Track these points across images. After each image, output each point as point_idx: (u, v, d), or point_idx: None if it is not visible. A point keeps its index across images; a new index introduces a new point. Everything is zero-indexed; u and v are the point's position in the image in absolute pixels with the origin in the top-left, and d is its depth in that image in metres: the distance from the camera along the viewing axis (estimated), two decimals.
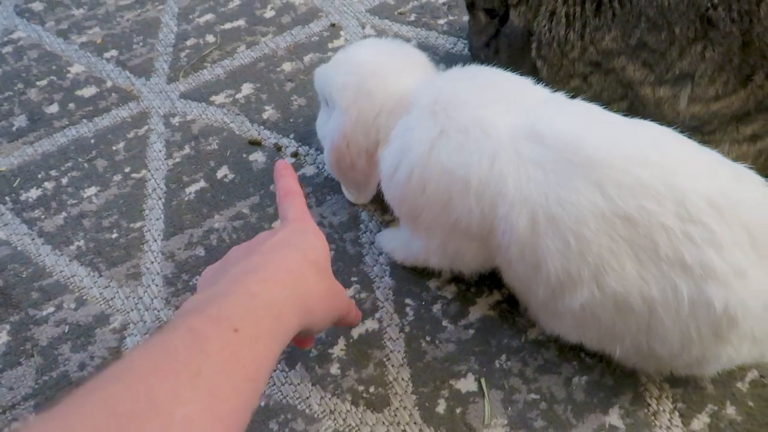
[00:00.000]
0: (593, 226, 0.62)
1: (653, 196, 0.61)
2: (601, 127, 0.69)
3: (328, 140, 0.84)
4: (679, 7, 0.79)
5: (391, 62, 0.82)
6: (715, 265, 0.60)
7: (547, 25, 0.90)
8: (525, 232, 0.66)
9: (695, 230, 0.60)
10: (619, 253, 0.63)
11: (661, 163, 0.63)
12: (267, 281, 0.52)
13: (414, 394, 0.80)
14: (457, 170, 0.69)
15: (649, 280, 0.63)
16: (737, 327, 0.62)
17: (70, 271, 0.93)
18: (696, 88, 0.84)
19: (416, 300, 0.88)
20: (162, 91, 1.16)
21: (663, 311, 0.63)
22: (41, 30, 1.28)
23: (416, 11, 1.25)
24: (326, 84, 0.84)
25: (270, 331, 0.48)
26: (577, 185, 0.63)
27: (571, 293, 0.67)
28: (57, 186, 1.03)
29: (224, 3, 1.30)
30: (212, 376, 0.41)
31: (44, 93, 1.17)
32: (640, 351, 0.68)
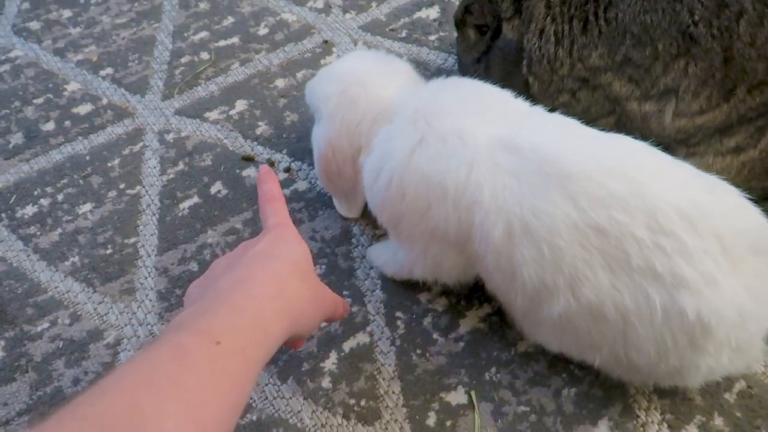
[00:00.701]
0: (566, 236, 0.64)
1: (624, 207, 0.62)
2: (576, 141, 0.70)
3: (316, 148, 0.86)
4: (662, 24, 0.81)
5: (375, 72, 0.84)
6: (686, 274, 0.61)
7: (537, 43, 0.91)
8: (500, 240, 0.68)
9: (666, 241, 0.62)
10: (593, 263, 0.64)
11: (632, 176, 0.64)
12: (253, 296, 0.53)
13: (405, 407, 0.80)
14: (434, 177, 0.71)
15: (622, 289, 0.64)
16: (712, 335, 0.63)
17: (65, 286, 0.94)
18: (680, 103, 0.85)
19: (407, 313, 0.89)
20: (157, 108, 1.17)
21: (637, 320, 0.64)
22: (38, 48, 1.30)
23: (407, 27, 1.27)
24: (313, 95, 0.88)
25: (255, 342, 0.49)
26: (551, 196, 0.65)
27: (549, 303, 0.68)
28: (52, 202, 1.05)
29: (219, 21, 1.32)
30: (196, 388, 0.42)
31: (41, 111, 1.18)
32: (618, 360, 0.69)
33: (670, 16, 0.80)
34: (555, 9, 0.89)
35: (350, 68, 0.85)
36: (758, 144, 0.83)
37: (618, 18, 0.84)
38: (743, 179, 0.85)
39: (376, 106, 0.80)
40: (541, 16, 0.90)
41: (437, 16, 1.29)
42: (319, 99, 0.85)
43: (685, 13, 0.79)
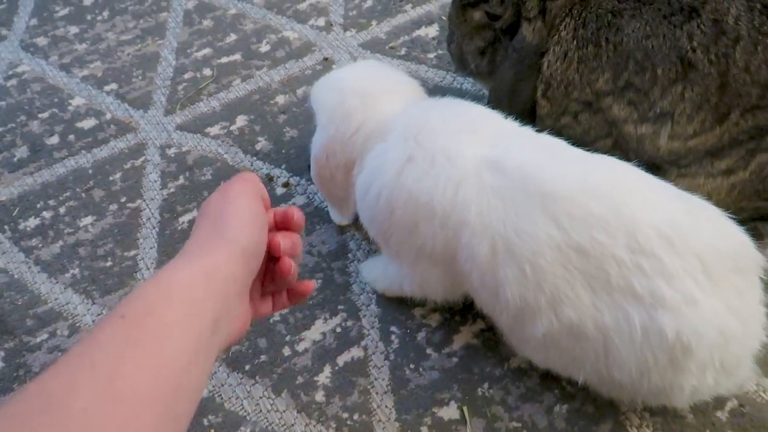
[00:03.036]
0: (549, 256, 0.65)
1: (605, 228, 0.64)
2: (560, 161, 0.71)
3: (313, 151, 0.87)
4: (662, 49, 0.82)
5: (377, 87, 0.85)
6: (665, 293, 0.62)
7: (559, 68, 0.90)
8: (485, 258, 0.69)
9: (645, 261, 0.63)
10: (574, 284, 0.65)
11: (613, 196, 0.65)
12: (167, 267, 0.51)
13: (397, 421, 0.81)
14: (422, 196, 0.72)
15: (602, 309, 0.65)
16: (692, 355, 0.63)
17: (65, 298, 0.96)
18: (675, 126, 0.86)
19: (401, 328, 0.90)
20: (159, 123, 1.19)
21: (617, 338, 0.65)
22: (45, 64, 1.32)
23: (407, 45, 1.30)
24: (315, 99, 0.89)
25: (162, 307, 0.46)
26: (534, 216, 0.66)
27: (533, 322, 0.69)
28: (55, 215, 1.06)
29: (221, 38, 1.35)
30: (103, 362, 0.41)
31: (45, 125, 1.21)
32: (601, 377, 0.70)
33: (670, 41, 0.82)
34: (578, 30, 0.88)
35: (353, 79, 0.86)
36: (748, 166, 0.83)
37: (623, 43, 0.85)
38: (733, 200, 0.85)
39: (371, 122, 0.81)
40: (569, 36, 0.89)
41: (436, 34, 1.31)
42: (319, 105, 0.87)
43: (684, 39, 0.81)
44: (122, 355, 0.42)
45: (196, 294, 0.49)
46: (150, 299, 0.47)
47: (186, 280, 0.49)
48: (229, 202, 0.56)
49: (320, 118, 0.86)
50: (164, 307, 0.46)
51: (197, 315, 0.48)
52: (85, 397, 0.40)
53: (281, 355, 0.88)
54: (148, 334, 0.44)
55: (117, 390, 0.41)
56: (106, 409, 0.40)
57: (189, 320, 0.47)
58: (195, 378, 0.47)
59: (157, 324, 0.45)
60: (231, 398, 0.84)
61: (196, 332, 0.47)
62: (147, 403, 0.42)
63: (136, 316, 0.45)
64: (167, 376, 0.44)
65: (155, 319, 0.45)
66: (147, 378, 0.42)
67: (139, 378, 0.42)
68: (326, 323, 0.90)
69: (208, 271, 0.51)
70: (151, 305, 0.46)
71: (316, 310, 0.92)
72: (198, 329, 0.47)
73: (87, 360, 0.42)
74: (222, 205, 0.56)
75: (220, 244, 0.53)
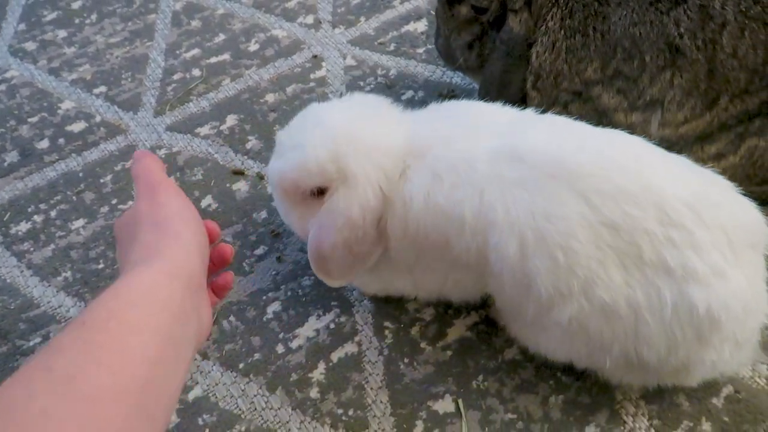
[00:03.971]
0: (582, 237, 0.64)
1: (635, 202, 0.63)
2: (575, 139, 0.71)
3: (333, 222, 0.73)
4: (650, 36, 0.82)
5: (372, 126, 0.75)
6: (696, 266, 0.62)
7: (548, 59, 0.91)
8: (515, 257, 0.67)
9: (676, 233, 0.63)
10: (606, 263, 0.64)
11: (637, 170, 0.65)
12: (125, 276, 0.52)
13: (392, 416, 0.81)
14: (454, 211, 0.70)
15: (635, 286, 0.64)
16: (720, 329, 0.64)
17: (57, 301, 0.95)
18: (666, 113, 0.86)
19: (395, 322, 0.89)
20: (149, 125, 1.19)
21: (649, 315, 0.65)
22: (33, 68, 1.32)
23: (396, 41, 1.29)
24: (317, 171, 0.73)
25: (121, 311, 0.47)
26: (562, 198, 0.65)
27: (560, 307, 0.68)
28: (46, 219, 1.06)
29: (210, 38, 1.34)
30: (65, 366, 0.42)
31: (35, 129, 1.20)
32: (628, 359, 0.69)
33: (657, 28, 0.82)
34: (566, 21, 0.88)
35: (344, 129, 0.74)
36: (738, 150, 0.83)
37: (610, 31, 0.85)
38: None
39: (390, 159, 0.73)
40: (557, 27, 0.89)
41: (425, 29, 1.31)
42: (332, 169, 0.72)
43: (671, 26, 0.81)
44: (83, 358, 0.43)
45: (160, 294, 0.50)
46: (110, 305, 0.47)
47: (149, 283, 0.50)
48: (163, 204, 0.58)
49: (349, 176, 0.72)
50: (126, 311, 0.47)
51: (164, 313, 0.49)
52: (44, 399, 0.40)
53: (275, 352, 0.87)
54: (109, 336, 0.45)
55: (77, 389, 0.41)
56: (66, 408, 0.40)
57: (155, 319, 0.48)
58: (167, 372, 0.47)
59: (119, 326, 0.46)
60: (225, 397, 0.83)
61: (164, 329, 0.48)
62: (112, 398, 0.42)
63: (97, 321, 0.46)
64: (134, 373, 0.44)
65: (117, 322, 0.46)
66: (110, 375, 0.43)
67: (101, 376, 0.43)
68: (319, 320, 0.90)
69: (170, 270, 0.52)
70: (111, 310, 0.47)
71: (309, 307, 0.92)
72: (166, 326, 0.48)
73: (44, 365, 0.43)
74: (156, 210, 0.57)
75: (172, 244, 0.54)
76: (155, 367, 0.46)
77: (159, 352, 0.47)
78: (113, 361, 0.44)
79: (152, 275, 0.51)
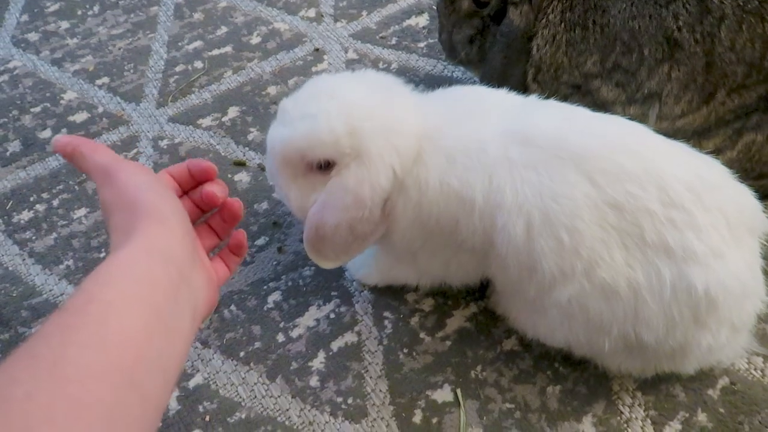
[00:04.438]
0: (586, 217, 0.65)
1: (637, 182, 0.64)
2: (579, 122, 0.72)
3: (340, 201, 0.71)
4: (649, 30, 0.83)
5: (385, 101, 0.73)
6: (696, 247, 0.63)
7: (548, 51, 0.91)
8: (521, 238, 0.68)
9: (677, 214, 0.64)
10: (609, 243, 0.65)
11: (639, 152, 0.67)
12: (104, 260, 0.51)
13: (391, 405, 0.81)
14: (465, 192, 0.70)
15: (635, 266, 0.65)
16: (717, 310, 0.65)
17: (59, 289, 0.96)
18: (663, 107, 0.87)
19: (395, 313, 0.90)
20: (151, 116, 1.19)
21: (648, 296, 0.66)
22: (36, 59, 1.32)
23: (397, 35, 1.30)
24: (330, 142, 0.69)
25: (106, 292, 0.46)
26: (569, 178, 0.66)
27: (561, 288, 0.69)
28: (48, 208, 1.07)
29: (212, 30, 1.35)
30: (47, 352, 0.42)
31: (38, 119, 1.21)
32: (627, 341, 0.70)
33: (656, 21, 0.82)
34: (566, 14, 0.89)
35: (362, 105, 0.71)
36: (735, 145, 0.84)
37: (610, 24, 0.86)
38: None
39: (405, 141, 0.71)
40: (557, 20, 0.90)
41: (426, 23, 1.31)
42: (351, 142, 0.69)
43: (670, 19, 0.81)
44: (63, 342, 0.42)
45: (138, 270, 0.48)
46: (89, 289, 0.47)
47: (125, 262, 0.49)
48: (124, 185, 0.55)
49: (363, 152, 0.69)
50: (104, 292, 0.46)
51: (145, 288, 0.48)
52: (27, 383, 0.40)
53: (275, 341, 0.88)
54: (89, 318, 0.44)
55: (61, 371, 0.41)
56: (51, 389, 0.40)
57: (137, 294, 0.47)
58: (159, 346, 0.46)
59: (98, 307, 0.45)
60: (226, 385, 0.84)
61: (149, 304, 0.47)
62: (98, 377, 0.42)
63: (76, 306, 0.45)
64: (118, 350, 0.44)
65: (95, 304, 0.45)
66: (93, 355, 0.42)
67: (84, 357, 0.42)
68: (320, 309, 0.91)
69: (145, 246, 0.50)
70: (90, 293, 0.46)
71: (310, 297, 0.92)
72: (152, 301, 0.47)
73: (27, 354, 0.42)
74: (120, 194, 0.55)
75: (144, 221, 0.52)
76: (143, 343, 0.45)
77: (145, 328, 0.46)
78: (94, 342, 0.43)
79: (128, 253, 0.49)
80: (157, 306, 0.47)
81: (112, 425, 0.41)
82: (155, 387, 0.46)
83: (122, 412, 0.42)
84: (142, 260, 0.49)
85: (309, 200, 0.73)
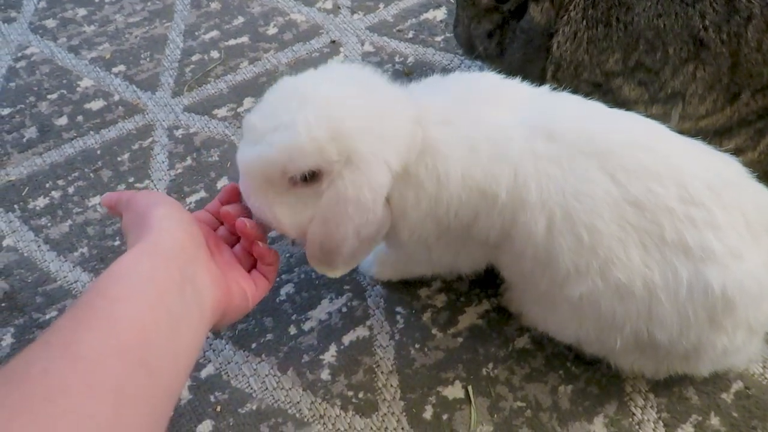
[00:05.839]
0: (606, 215, 0.64)
1: (657, 179, 0.64)
2: (601, 118, 0.71)
3: (342, 212, 0.65)
4: (674, 29, 0.82)
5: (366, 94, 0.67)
6: (714, 247, 0.62)
7: (569, 49, 0.90)
8: (541, 235, 0.67)
9: (696, 212, 0.63)
10: (627, 242, 0.64)
11: (658, 149, 0.66)
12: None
13: (402, 400, 0.81)
14: (488, 186, 0.67)
15: (653, 266, 0.64)
16: (734, 311, 0.64)
17: (74, 276, 0.96)
18: (687, 107, 0.86)
19: (407, 308, 0.90)
20: (167, 105, 1.20)
21: (663, 295, 0.65)
22: (53, 46, 1.33)
23: (414, 28, 1.29)
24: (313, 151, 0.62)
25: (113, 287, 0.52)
26: (592, 176, 0.65)
27: (573, 284, 0.68)
28: (63, 195, 1.07)
29: (229, 20, 1.34)
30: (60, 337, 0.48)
31: (54, 106, 1.21)
32: (639, 340, 0.69)
33: (682, 20, 0.81)
34: (589, 11, 0.87)
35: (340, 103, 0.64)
36: (757, 146, 0.83)
37: (634, 22, 0.84)
38: None
39: (401, 132, 0.66)
40: (579, 17, 0.88)
41: (444, 17, 1.30)
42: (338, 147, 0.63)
43: (696, 18, 0.80)
44: (74, 329, 0.48)
45: (141, 268, 0.54)
46: (99, 285, 0.53)
47: (128, 262, 0.55)
48: (139, 204, 0.63)
49: (357, 154, 0.63)
50: (111, 288, 0.52)
51: (149, 282, 0.54)
52: (42, 362, 0.45)
53: (287, 333, 0.88)
54: (98, 309, 0.50)
55: (74, 351, 0.46)
56: (65, 366, 0.45)
57: (141, 288, 0.53)
58: (167, 332, 0.52)
59: (105, 300, 0.51)
60: (237, 376, 0.84)
61: (153, 295, 0.53)
62: (108, 355, 0.47)
63: (87, 300, 0.51)
64: (128, 332, 0.49)
65: (103, 297, 0.51)
66: (103, 336, 0.48)
67: (95, 339, 0.48)
68: (332, 303, 0.91)
69: (147, 248, 0.57)
70: (99, 289, 0.52)
71: (322, 290, 0.92)
72: (155, 293, 0.53)
73: (42, 341, 0.47)
74: (136, 213, 0.62)
75: (150, 230, 0.59)
76: (150, 326, 0.51)
77: (151, 313, 0.51)
78: (103, 326, 0.49)
79: (132, 255, 0.56)
80: (160, 297, 0.53)
81: (121, 397, 0.46)
82: (164, 368, 0.51)
83: (131, 387, 0.47)
84: (144, 261, 0.55)
85: (303, 216, 0.67)
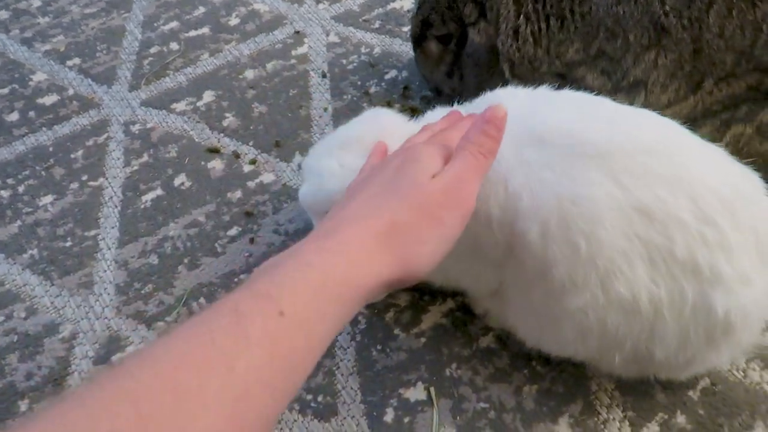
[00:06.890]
0: (609, 223, 0.58)
1: (667, 186, 0.57)
2: (598, 116, 0.65)
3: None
4: (634, 15, 0.80)
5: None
6: (723, 270, 0.57)
7: (514, 45, 0.89)
8: (535, 243, 0.62)
9: (708, 230, 0.57)
10: (632, 256, 0.58)
11: (669, 154, 0.60)
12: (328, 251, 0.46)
13: (362, 403, 0.79)
14: (481, 208, 0.62)
15: (660, 283, 0.59)
16: (732, 334, 0.61)
17: (22, 279, 0.92)
18: (649, 96, 0.85)
19: (369, 307, 0.87)
20: (123, 99, 1.15)
21: (668, 314, 0.60)
22: (5, 38, 1.27)
23: (381, 18, 1.26)
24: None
25: (321, 313, 0.43)
26: (591, 177, 0.58)
27: (570, 297, 0.62)
28: (13, 194, 1.03)
29: (189, 11, 1.30)
30: (246, 373, 0.37)
31: (5, 101, 1.16)
32: (638, 355, 0.65)
33: (642, 6, 0.79)
34: (528, 7, 0.86)
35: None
36: (723, 137, 0.81)
37: (592, 11, 0.83)
38: None
39: None
40: (512, 15, 0.88)
41: (411, 7, 1.27)
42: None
43: (656, 4, 0.79)
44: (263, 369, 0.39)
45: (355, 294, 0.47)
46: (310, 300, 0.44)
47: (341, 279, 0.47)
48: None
49: None
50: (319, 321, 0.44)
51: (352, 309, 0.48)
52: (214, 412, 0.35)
53: None
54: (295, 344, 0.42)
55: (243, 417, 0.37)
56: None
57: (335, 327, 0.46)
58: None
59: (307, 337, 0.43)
60: None
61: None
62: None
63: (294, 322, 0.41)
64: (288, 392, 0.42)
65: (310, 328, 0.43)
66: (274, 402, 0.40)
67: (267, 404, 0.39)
68: None
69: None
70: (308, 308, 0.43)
71: None
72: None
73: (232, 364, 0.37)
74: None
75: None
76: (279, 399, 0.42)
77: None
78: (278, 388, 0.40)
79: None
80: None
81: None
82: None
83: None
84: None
85: None
